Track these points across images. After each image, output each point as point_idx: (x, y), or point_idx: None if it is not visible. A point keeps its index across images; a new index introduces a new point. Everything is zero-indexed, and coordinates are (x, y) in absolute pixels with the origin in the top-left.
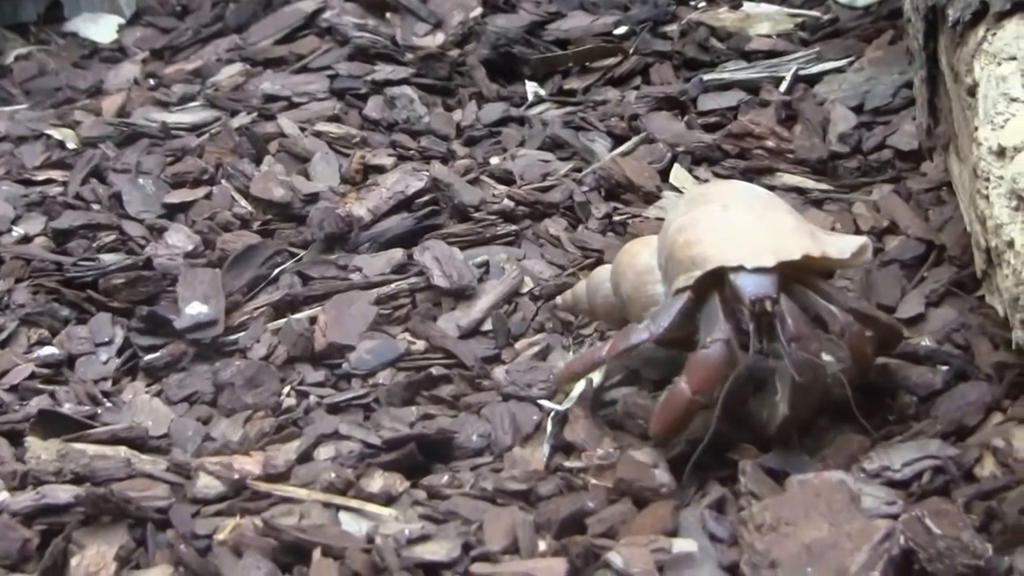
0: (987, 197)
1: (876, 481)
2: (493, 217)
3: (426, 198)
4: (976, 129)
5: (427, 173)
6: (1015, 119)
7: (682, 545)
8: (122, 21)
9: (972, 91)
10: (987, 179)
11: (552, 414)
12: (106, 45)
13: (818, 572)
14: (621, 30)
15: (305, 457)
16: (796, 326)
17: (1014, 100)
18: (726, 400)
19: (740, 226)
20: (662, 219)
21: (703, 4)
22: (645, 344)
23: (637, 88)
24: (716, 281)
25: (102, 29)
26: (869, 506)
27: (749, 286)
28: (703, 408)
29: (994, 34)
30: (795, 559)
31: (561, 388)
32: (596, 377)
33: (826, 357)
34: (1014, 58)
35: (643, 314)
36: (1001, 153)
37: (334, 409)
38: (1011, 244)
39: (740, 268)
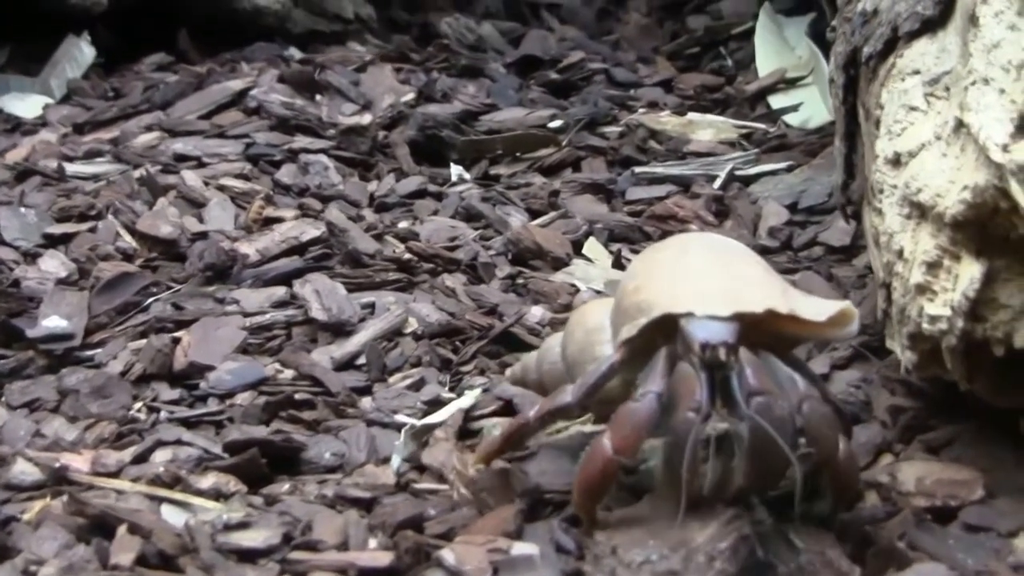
0: (880, 211)
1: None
2: (387, 263)
3: (320, 246)
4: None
5: (324, 220)
6: (912, 127)
7: (522, 548)
8: (51, 101)
9: (879, 123)
10: (882, 191)
11: (408, 427)
12: (29, 120)
13: (660, 543)
14: (556, 123)
15: (140, 459)
16: (757, 378)
17: (913, 109)
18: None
19: (696, 271)
20: (570, 284)
21: (644, 109)
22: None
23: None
24: (667, 332)
25: (28, 106)
26: None
27: (700, 331)
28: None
29: (901, 56)
30: (635, 537)
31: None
32: (467, 401)
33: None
34: (918, 72)
35: None
36: (896, 161)
37: (184, 423)
38: (900, 253)
39: (691, 315)
